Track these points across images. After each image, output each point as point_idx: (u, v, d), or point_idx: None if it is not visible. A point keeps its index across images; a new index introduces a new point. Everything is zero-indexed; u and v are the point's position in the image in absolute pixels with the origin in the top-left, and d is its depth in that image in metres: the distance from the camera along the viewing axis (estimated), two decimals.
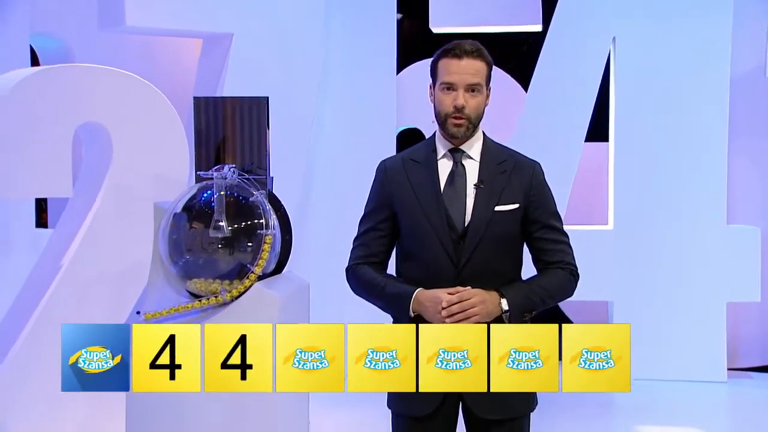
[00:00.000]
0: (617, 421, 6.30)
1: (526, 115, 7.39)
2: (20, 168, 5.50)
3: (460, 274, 3.01)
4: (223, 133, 5.16)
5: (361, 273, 3.12)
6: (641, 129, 7.33)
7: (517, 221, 3.08)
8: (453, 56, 3.06)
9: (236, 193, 4.98)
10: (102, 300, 5.72)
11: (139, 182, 5.73)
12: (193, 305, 4.90)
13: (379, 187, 3.14)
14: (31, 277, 5.91)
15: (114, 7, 6.53)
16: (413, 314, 3.00)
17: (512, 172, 3.10)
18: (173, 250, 4.97)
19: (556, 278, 3.14)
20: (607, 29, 7.34)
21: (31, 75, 5.65)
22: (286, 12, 6.97)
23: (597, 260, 7.33)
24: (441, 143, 3.11)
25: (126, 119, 5.81)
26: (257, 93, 5.46)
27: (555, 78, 7.34)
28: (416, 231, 3.04)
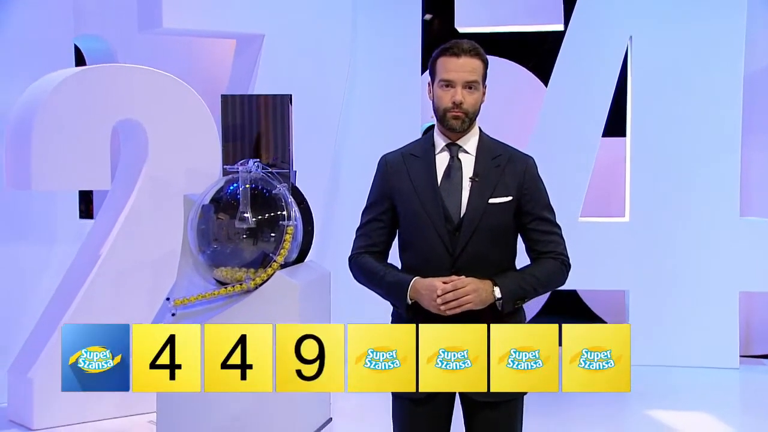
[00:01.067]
0: (629, 406, 6.28)
1: (546, 111, 7.37)
2: (62, 161, 5.60)
3: (455, 263, 3.03)
4: (249, 129, 5.23)
5: (362, 262, 3.15)
6: (657, 125, 7.27)
7: (510, 213, 3.09)
8: (451, 55, 3.08)
9: (260, 186, 5.06)
10: (138, 286, 5.82)
11: (172, 176, 5.81)
12: (219, 292, 5.00)
13: (380, 180, 3.17)
14: (73, 266, 6.02)
15: (152, 10, 6.62)
16: (410, 302, 3.03)
17: (506, 166, 3.11)
18: (201, 239, 5.07)
19: (547, 268, 3.14)
20: (624, 28, 7.29)
21: (72, 75, 5.76)
22: (315, 13, 7.01)
23: (614, 251, 7.31)
24: (439, 138, 3.14)
25: (161, 116, 5.90)
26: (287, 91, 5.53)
27: (574, 75, 7.31)
28: (414, 222, 3.08)
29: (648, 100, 7.28)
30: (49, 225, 6.55)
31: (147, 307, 5.72)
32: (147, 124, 5.87)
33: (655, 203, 7.27)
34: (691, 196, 7.23)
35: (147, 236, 5.83)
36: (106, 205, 6.07)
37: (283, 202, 5.02)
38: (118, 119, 5.84)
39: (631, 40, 7.29)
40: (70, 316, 5.71)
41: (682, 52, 7.22)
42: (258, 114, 5.21)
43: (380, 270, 3.11)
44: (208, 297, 4.98)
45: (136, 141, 5.96)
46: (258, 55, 6.85)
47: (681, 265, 7.25)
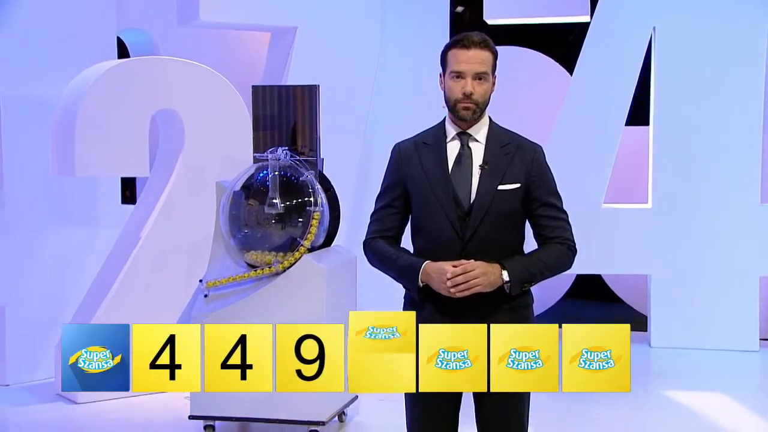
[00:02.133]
0: (648, 387, 6.22)
1: (570, 100, 7.30)
2: (103, 149, 5.66)
3: (465, 248, 3.02)
4: (279, 118, 5.24)
5: (376, 246, 3.15)
6: (680, 114, 7.17)
7: (518, 199, 3.07)
8: (462, 47, 3.06)
9: (289, 173, 5.07)
10: (175, 268, 5.87)
11: (207, 163, 5.84)
12: (249, 275, 5.02)
13: (394, 167, 3.17)
14: (114, 248, 6.08)
15: (190, 4, 6.65)
16: (422, 284, 3.03)
17: (515, 154, 3.09)
18: (232, 224, 5.10)
19: (554, 252, 3.12)
20: (648, 19, 7.19)
21: (113, 67, 5.81)
22: (346, 6, 7.00)
23: (636, 237, 7.24)
24: (450, 127, 3.12)
25: (197, 106, 5.93)
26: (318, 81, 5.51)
27: (598, 66, 7.23)
28: (426, 207, 3.07)
29: (671, 90, 7.19)
30: (93, 210, 6.61)
31: (183, 288, 5.77)
32: (183, 113, 5.91)
33: (677, 190, 7.19)
34: (713, 183, 7.14)
35: (183, 221, 5.88)
36: (145, 191, 6.13)
37: (310, 189, 5.02)
38: (157, 109, 5.89)
39: (655, 30, 7.19)
40: (112, 296, 5.78)
41: (704, 42, 7.11)
42: (287, 104, 5.22)
43: (393, 254, 3.11)
44: (238, 279, 5.01)
45: (174, 130, 6.00)
46: (291, 47, 6.86)
47: (702, 250, 7.16)
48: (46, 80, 6.22)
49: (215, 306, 4.98)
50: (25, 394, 6.04)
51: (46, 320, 6.29)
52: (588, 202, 7.25)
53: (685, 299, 7.18)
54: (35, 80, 6.28)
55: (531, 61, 8.26)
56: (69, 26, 6.45)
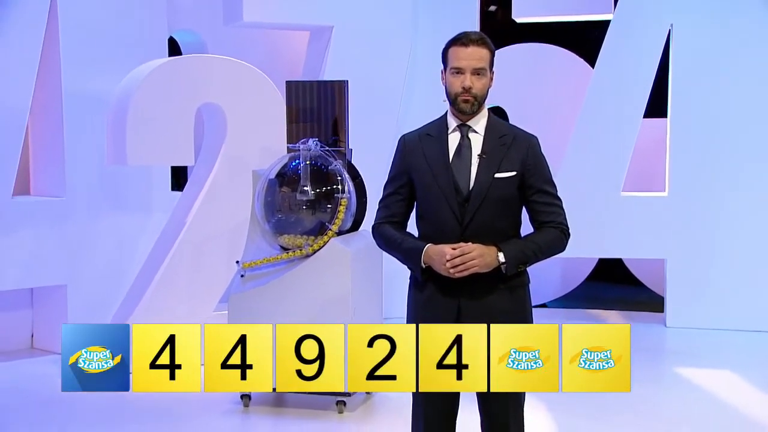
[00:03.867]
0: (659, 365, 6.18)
1: (591, 93, 7.24)
2: (152, 140, 5.72)
3: (464, 232, 3.03)
4: (311, 112, 5.28)
5: (383, 231, 3.17)
6: (696, 107, 7.07)
7: (514, 186, 3.07)
8: (461, 45, 3.06)
9: (319, 163, 5.11)
10: (217, 250, 5.92)
11: (247, 153, 5.88)
12: (282, 256, 5.08)
13: (399, 157, 3.18)
14: (163, 232, 6.17)
15: (234, 6, 6.71)
16: (424, 266, 3.04)
17: (511, 145, 3.09)
18: (267, 210, 5.15)
19: (548, 236, 3.10)
20: (666, 17, 7.10)
21: (162, 64, 5.87)
22: (379, 6, 7.01)
23: (654, 223, 7.17)
24: (451, 120, 3.12)
25: (238, 100, 5.97)
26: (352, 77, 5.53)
27: (617, 61, 7.15)
28: (428, 194, 3.08)
29: (688, 84, 7.10)
30: (145, 196, 6.71)
31: (224, 269, 5.82)
32: (226, 107, 5.95)
33: (693, 179, 7.11)
34: (727, 172, 7.04)
35: (224, 207, 5.93)
36: (191, 179, 6.20)
37: (338, 177, 5.06)
38: (201, 103, 5.94)
39: (672, 27, 7.10)
40: (160, 276, 5.86)
41: (720, 38, 7.01)
42: (319, 98, 5.25)
43: (398, 238, 3.12)
44: (272, 261, 5.06)
45: (217, 122, 6.05)
46: (328, 45, 6.88)
47: (716, 235, 7.08)
48: (103, 77, 6.31)
49: (251, 285, 5.04)
50: None
51: (104, 297, 6.41)
52: (607, 190, 7.19)
53: (700, 282, 7.10)
54: (93, 77, 6.39)
55: (557, 58, 8.20)
56: (124, 28, 6.54)
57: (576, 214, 7.04)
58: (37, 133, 6.52)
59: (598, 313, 7.77)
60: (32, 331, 6.70)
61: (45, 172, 6.52)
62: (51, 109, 6.38)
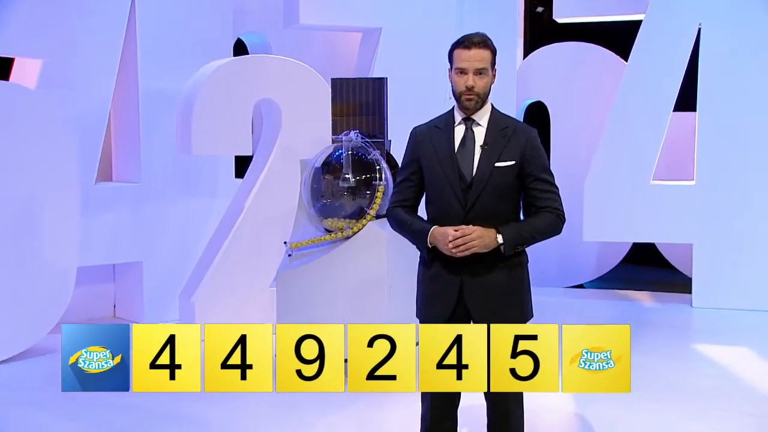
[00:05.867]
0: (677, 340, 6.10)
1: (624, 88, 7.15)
2: (215, 132, 5.84)
3: (467, 215, 3.06)
4: (353, 106, 5.35)
5: (395, 214, 3.23)
6: (723, 101, 6.92)
7: (513, 174, 3.08)
8: (464, 47, 3.09)
9: (359, 153, 5.18)
10: (271, 232, 6.02)
11: (299, 144, 5.96)
12: (325, 238, 5.17)
13: (411, 147, 3.23)
14: (225, 215, 6.30)
15: (293, 9, 6.80)
16: (430, 246, 3.09)
17: (512, 136, 3.11)
18: (313, 196, 5.24)
19: (544, 219, 3.11)
20: (695, 16, 6.96)
21: (224, 64, 5.99)
22: (425, 8, 7.02)
23: (682, 210, 7.06)
24: (457, 114, 3.16)
25: (292, 96, 6.05)
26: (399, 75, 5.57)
27: (649, 58, 7.04)
28: (435, 181, 3.12)
29: (715, 80, 6.95)
30: (211, 183, 6.84)
31: (278, 249, 5.94)
32: (281, 102, 6.04)
33: (720, 168, 6.97)
34: (751, 163, 6.90)
35: (278, 192, 6.02)
36: (250, 168, 6.31)
37: (377, 166, 5.12)
38: (259, 98, 6.05)
39: (701, 27, 6.96)
40: (221, 255, 6.00)
41: (747, 38, 6.86)
42: (360, 93, 5.32)
43: (408, 220, 3.18)
44: (316, 242, 5.16)
45: (273, 116, 6.16)
46: (377, 45, 6.93)
47: (741, 221, 6.95)
48: (175, 76, 6.43)
49: (297, 263, 5.15)
50: None
51: (174, 273, 6.60)
52: (638, 179, 7.11)
53: (725, 265, 6.97)
54: (166, 76, 6.52)
55: (595, 55, 8.10)
56: (194, 31, 6.67)
57: (609, 200, 7.06)
58: (117, 126, 6.72)
59: (629, 293, 7.68)
60: (114, 303, 6.94)
61: (124, 161, 6.71)
62: (129, 104, 6.56)
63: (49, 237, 5.72)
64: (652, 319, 6.83)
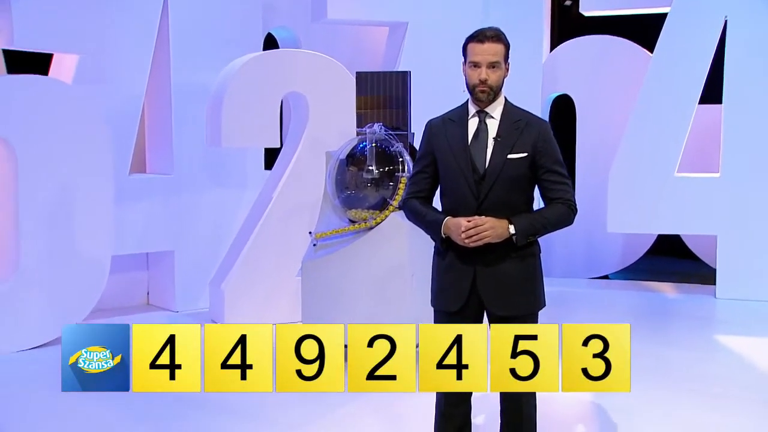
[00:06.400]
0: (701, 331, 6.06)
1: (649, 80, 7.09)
2: (243, 125, 5.90)
3: (480, 206, 3.06)
4: (377, 99, 5.37)
5: (410, 205, 3.24)
6: (749, 93, 6.84)
7: (525, 166, 3.08)
8: (477, 41, 3.09)
9: (383, 145, 5.20)
10: (298, 222, 6.07)
11: (326, 136, 6.00)
12: (349, 228, 5.21)
13: (425, 140, 3.24)
14: (254, 206, 6.38)
15: (320, 5, 6.84)
16: (444, 236, 3.11)
17: (524, 129, 3.10)
18: (337, 187, 5.27)
19: (556, 210, 3.11)
20: (720, 10, 6.88)
21: (253, 58, 6.05)
22: (450, 3, 7.02)
23: (706, 202, 6.99)
24: (471, 107, 3.16)
25: (319, 89, 6.09)
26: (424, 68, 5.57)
27: (674, 51, 6.98)
28: (449, 173, 3.13)
29: (741, 73, 6.88)
30: (241, 174, 6.90)
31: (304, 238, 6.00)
32: (308, 95, 6.08)
33: (745, 161, 6.90)
34: None
35: (304, 184, 6.06)
36: (278, 160, 6.36)
37: (399, 158, 5.14)
38: (287, 92, 6.09)
39: (727, 19, 6.88)
40: (250, 244, 6.08)
41: None
42: (384, 87, 5.33)
43: (423, 211, 3.19)
44: (340, 232, 5.20)
45: (300, 109, 6.20)
46: (403, 39, 6.94)
47: (764, 213, 6.88)
48: (206, 70, 6.48)
49: (322, 253, 5.19)
50: (187, 318, 6.46)
51: (205, 262, 6.67)
52: (662, 171, 7.05)
53: (749, 257, 6.90)
54: (197, 70, 6.56)
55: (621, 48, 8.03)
56: (224, 27, 6.71)
57: (633, 192, 7.02)
58: (150, 119, 6.80)
59: (653, 284, 7.63)
60: (148, 290, 7.04)
61: (157, 153, 6.79)
62: (162, 98, 6.64)
63: (84, 226, 5.82)
64: (676, 310, 6.78)
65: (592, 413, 4.34)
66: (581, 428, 4.19)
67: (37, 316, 5.65)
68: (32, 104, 5.58)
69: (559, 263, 7.79)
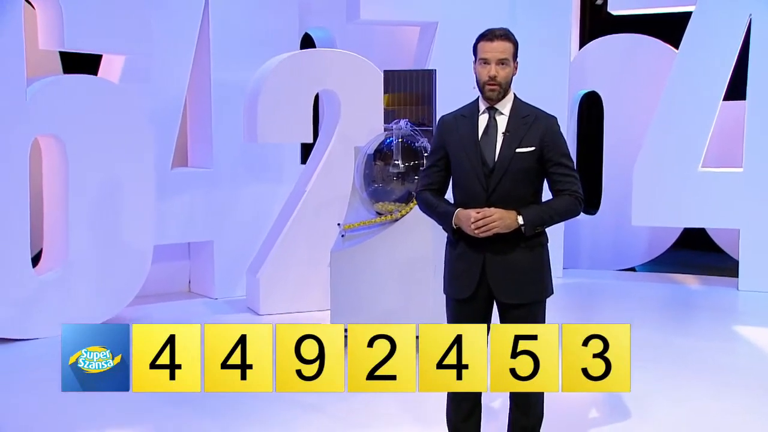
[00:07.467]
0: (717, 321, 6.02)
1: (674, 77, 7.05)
2: (279, 121, 5.99)
3: (489, 198, 3.11)
4: (403, 96, 5.43)
5: (423, 197, 3.30)
6: None
7: (533, 160, 3.12)
8: (487, 39, 3.13)
9: (408, 140, 5.27)
10: (329, 214, 6.14)
11: (356, 132, 6.07)
12: (376, 220, 5.29)
13: (438, 135, 3.29)
14: (288, 198, 6.48)
15: (354, 6, 6.92)
16: (455, 227, 3.17)
17: (533, 124, 3.14)
18: (365, 181, 5.35)
19: (563, 202, 3.14)
20: (745, 8, 6.81)
21: (288, 57, 6.14)
22: (479, 3, 7.04)
23: (730, 196, 6.94)
24: (481, 103, 3.20)
25: (350, 87, 6.16)
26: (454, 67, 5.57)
27: (698, 49, 6.93)
28: (460, 167, 3.18)
29: (765, 70, 6.81)
30: (278, 168, 6.99)
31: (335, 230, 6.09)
32: (340, 92, 6.16)
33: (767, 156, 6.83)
34: None
35: (336, 178, 6.15)
36: (312, 155, 6.45)
37: (425, 153, 5.20)
38: (320, 89, 6.18)
39: (752, 17, 6.81)
40: (283, 235, 6.19)
41: None
42: (411, 84, 5.40)
43: (435, 203, 3.25)
44: (368, 224, 5.28)
45: (333, 106, 6.28)
46: (433, 38, 6.99)
47: None
48: (244, 69, 6.55)
49: (350, 244, 5.28)
50: (225, 305, 6.60)
51: (243, 251, 6.77)
52: (686, 166, 7.02)
53: None
54: (236, 69, 6.66)
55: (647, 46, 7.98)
56: (262, 27, 6.81)
57: (658, 186, 6.99)
58: (192, 116, 6.93)
59: (678, 277, 7.60)
60: (189, 278, 7.21)
61: (198, 148, 6.93)
62: (202, 96, 6.76)
63: (128, 218, 5.99)
64: (699, 302, 6.75)
65: (605, 397, 4.37)
66: (594, 412, 4.22)
67: (85, 302, 5.83)
68: (82, 103, 5.75)
69: (588, 255, 7.80)
